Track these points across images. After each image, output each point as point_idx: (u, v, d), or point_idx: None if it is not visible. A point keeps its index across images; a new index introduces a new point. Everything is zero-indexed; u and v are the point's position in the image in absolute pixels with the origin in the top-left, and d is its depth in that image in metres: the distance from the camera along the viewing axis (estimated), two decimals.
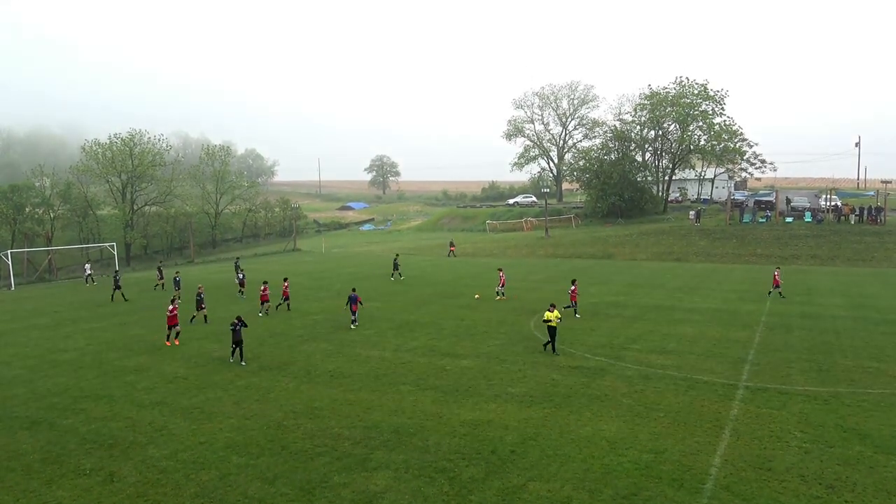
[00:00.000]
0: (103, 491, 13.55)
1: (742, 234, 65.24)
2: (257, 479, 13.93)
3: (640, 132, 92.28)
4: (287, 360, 24.14)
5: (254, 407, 18.78)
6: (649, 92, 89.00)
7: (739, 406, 18.07)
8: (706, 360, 23.01)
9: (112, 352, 26.45)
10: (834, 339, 26.32)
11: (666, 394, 19.23)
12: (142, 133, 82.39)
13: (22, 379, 22.64)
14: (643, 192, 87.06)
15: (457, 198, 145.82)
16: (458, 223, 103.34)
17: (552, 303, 24.69)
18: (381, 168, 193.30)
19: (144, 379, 22.11)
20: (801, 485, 13.16)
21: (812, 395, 19.02)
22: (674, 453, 14.81)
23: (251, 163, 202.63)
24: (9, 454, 15.72)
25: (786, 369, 21.73)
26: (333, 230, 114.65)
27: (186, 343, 27.57)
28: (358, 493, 13.11)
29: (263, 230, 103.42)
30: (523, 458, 14.67)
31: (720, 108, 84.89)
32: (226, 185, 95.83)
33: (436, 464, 14.46)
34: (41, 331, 31.63)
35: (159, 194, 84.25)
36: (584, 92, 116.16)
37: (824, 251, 57.66)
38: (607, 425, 16.70)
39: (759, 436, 15.81)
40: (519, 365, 22.78)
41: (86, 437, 16.72)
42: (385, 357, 24.34)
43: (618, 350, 24.72)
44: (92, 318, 34.75)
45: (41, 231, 73.29)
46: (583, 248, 65.94)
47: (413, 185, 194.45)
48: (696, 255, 60.08)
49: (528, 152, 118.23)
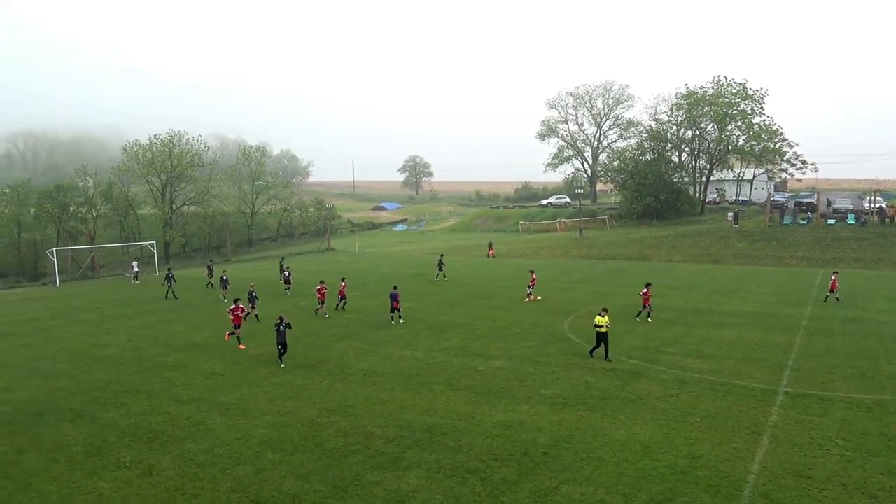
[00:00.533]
0: (143, 483, 13.88)
1: (782, 236, 63.78)
2: (291, 475, 14.10)
3: (676, 132, 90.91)
4: (321, 359, 24.39)
5: (288, 404, 19.02)
6: (686, 91, 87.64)
7: (779, 412, 17.66)
8: (744, 365, 22.55)
9: (152, 348, 27.07)
10: (878, 344, 25.56)
11: (702, 398, 18.90)
12: (181, 134, 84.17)
13: (66, 373, 23.31)
14: (679, 193, 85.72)
15: (490, 198, 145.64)
16: (490, 224, 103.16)
17: (604, 307, 23.89)
18: (414, 168, 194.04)
19: (183, 375, 22.57)
20: (843, 494, 12.81)
21: (855, 401, 18.49)
22: (710, 459, 14.55)
23: (286, 163, 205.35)
24: (53, 445, 16.21)
25: (827, 375, 21.17)
26: (367, 230, 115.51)
27: (223, 341, 28.04)
28: (390, 492, 13.18)
29: (298, 230, 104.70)
30: (556, 461, 14.57)
31: (759, 107, 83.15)
32: (262, 185, 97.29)
33: (468, 464, 14.45)
34: (84, 326, 32.52)
35: (197, 194, 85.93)
36: (619, 91, 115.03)
37: (868, 254, 56.01)
38: (642, 429, 16.48)
39: (800, 443, 15.44)
40: (552, 367, 22.63)
41: (126, 430, 17.15)
42: (418, 357, 24.42)
43: (653, 353, 24.38)
44: (133, 315, 35.60)
45: (84, 230, 75.46)
46: (617, 250, 65.21)
47: (446, 185, 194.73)
48: (734, 258, 58.91)
49: (562, 153, 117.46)
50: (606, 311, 23.26)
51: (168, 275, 42.92)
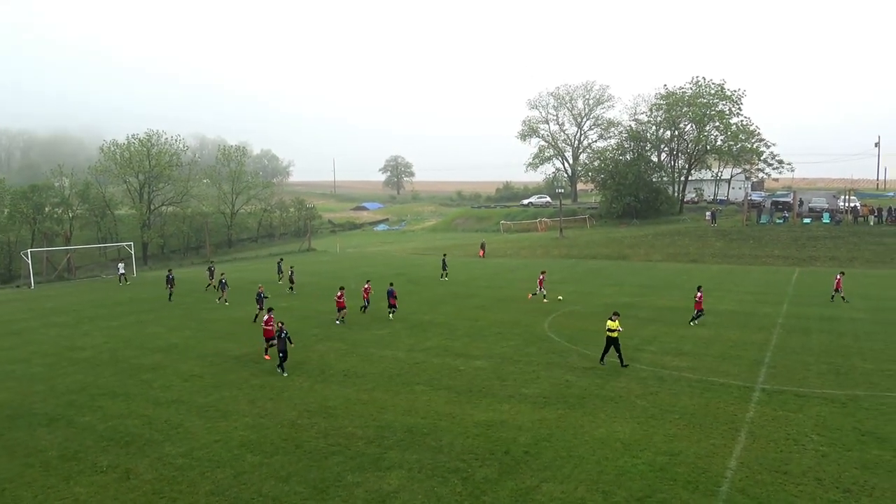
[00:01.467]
0: (120, 488, 13.71)
1: (759, 235, 64.63)
2: (271, 477, 14.01)
3: (655, 132, 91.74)
4: (301, 360, 24.26)
5: (268, 406, 18.90)
6: (665, 92, 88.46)
7: (756, 408, 17.90)
8: (722, 363, 22.82)
9: (129, 350, 26.74)
10: (853, 341, 26.00)
11: (681, 396, 19.10)
12: (159, 134, 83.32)
13: (41, 376, 22.95)
14: (659, 192, 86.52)
15: (471, 198, 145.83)
16: (472, 224, 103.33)
17: (616, 311, 23.03)
18: (395, 168, 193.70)
19: (161, 377, 22.33)
20: (818, 488, 13.02)
21: (830, 398, 18.81)
22: (689, 455, 14.71)
23: (266, 163, 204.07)
24: (28, 450, 15.95)
25: (803, 372, 21.50)
26: (348, 230, 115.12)
27: (202, 342, 27.80)
28: (371, 493, 13.15)
29: (278, 230, 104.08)
30: (537, 459, 14.64)
31: (737, 107, 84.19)
32: (241, 185, 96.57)
33: (449, 464, 14.46)
34: (60, 329, 32.04)
35: (176, 194, 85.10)
36: (600, 92, 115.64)
37: (843, 253, 56.96)
38: (622, 427, 16.61)
39: (776, 438, 15.66)
40: (533, 366, 22.73)
41: (103, 434, 16.92)
42: (399, 357, 24.39)
43: (633, 351, 24.55)
44: (110, 317, 35.14)
45: (60, 230, 74.33)
46: (597, 249, 65.66)
47: (427, 185, 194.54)
48: (713, 257, 59.60)
49: (543, 153, 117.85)
50: (618, 315, 22.42)
51: (168, 276, 41.85)
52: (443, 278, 47.56)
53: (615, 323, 21.90)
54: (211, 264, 47.53)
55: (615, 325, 21.88)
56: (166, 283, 41.62)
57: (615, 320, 21.97)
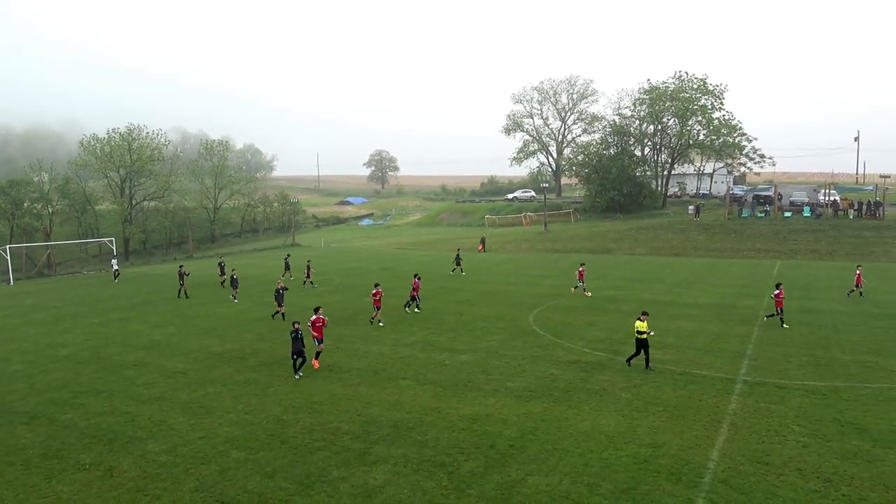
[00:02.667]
0: (103, 486, 13.58)
1: (741, 228, 65.28)
2: (257, 473, 13.95)
3: (639, 127, 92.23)
4: (286, 356, 24.06)
5: (253, 402, 18.80)
6: (648, 86, 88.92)
7: (738, 400, 18.10)
8: (705, 355, 23.05)
9: (111, 347, 26.47)
10: (832, 333, 26.37)
11: (664, 388, 19.27)
12: (140, 128, 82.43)
13: (21, 374, 22.66)
14: (642, 186, 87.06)
15: (456, 193, 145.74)
16: (456, 218, 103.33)
17: (644, 311, 21.87)
18: (379, 163, 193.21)
19: (143, 374, 22.13)
20: (799, 478, 13.21)
21: (810, 389, 19.07)
22: (672, 447, 14.85)
23: (250, 157, 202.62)
24: (8, 449, 15.74)
25: (784, 364, 21.77)
26: (332, 225, 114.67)
27: (186, 338, 27.59)
28: (357, 487, 13.14)
29: (262, 225, 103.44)
30: (522, 453, 14.71)
31: (719, 102, 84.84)
32: (224, 179, 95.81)
33: (435, 458, 14.49)
34: (40, 326, 31.64)
35: (158, 189, 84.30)
36: (584, 86, 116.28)
37: (823, 246, 57.72)
38: (606, 420, 16.74)
39: (757, 430, 15.86)
40: (518, 360, 22.81)
41: (85, 431, 16.75)
42: (384, 352, 24.36)
43: (616, 345, 24.74)
44: (91, 314, 34.76)
45: (40, 226, 73.30)
46: (582, 243, 65.97)
47: (412, 179, 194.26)
48: (695, 250, 60.12)
49: (527, 147, 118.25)
50: (647, 315, 21.30)
51: (181, 271, 40.50)
52: (453, 273, 46.74)
53: (644, 324, 20.68)
54: (221, 260, 45.37)
55: (644, 325, 20.65)
56: (179, 278, 40.02)
57: (644, 321, 20.76)
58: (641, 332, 20.62)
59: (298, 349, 20.80)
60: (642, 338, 20.68)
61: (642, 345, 20.86)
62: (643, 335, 20.64)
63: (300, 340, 20.76)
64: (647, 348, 20.99)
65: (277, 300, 31.28)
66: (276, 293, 31.51)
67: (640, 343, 20.83)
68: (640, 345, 20.88)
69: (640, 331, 20.62)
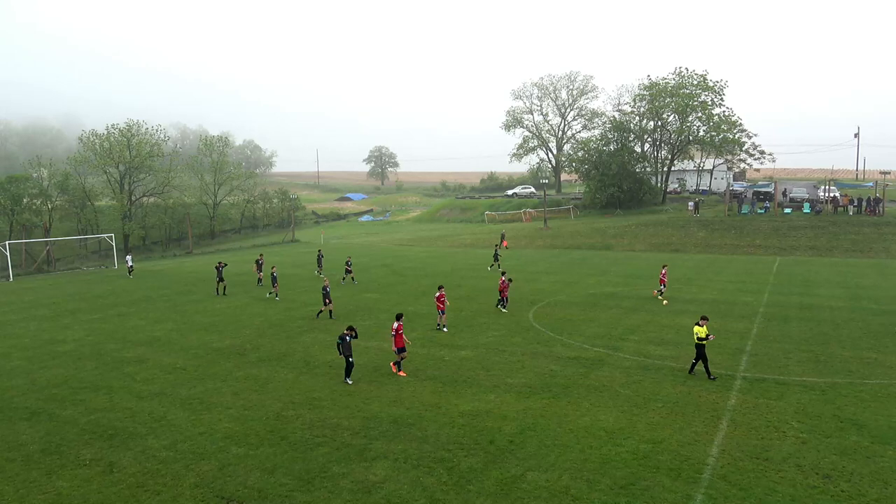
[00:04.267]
0: (103, 481, 13.60)
1: (740, 225, 65.26)
2: (257, 469, 13.98)
3: (639, 123, 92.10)
4: (286, 351, 24.18)
5: (253, 398, 18.82)
6: (648, 82, 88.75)
7: (737, 396, 18.13)
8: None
9: (111, 343, 26.48)
10: (832, 329, 26.38)
11: (664, 384, 19.29)
12: (139, 124, 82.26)
13: (21, 370, 22.67)
14: (642, 183, 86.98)
15: (455, 189, 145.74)
16: (456, 214, 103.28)
17: (704, 315, 20.63)
18: (379, 159, 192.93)
19: (143, 370, 22.15)
20: (798, 474, 13.23)
21: (809, 385, 19.09)
22: (671, 443, 14.87)
23: (249, 154, 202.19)
24: (9, 445, 15.77)
25: (783, 360, 21.78)
26: (332, 221, 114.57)
27: (185, 334, 27.60)
28: (357, 483, 13.16)
29: (262, 221, 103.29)
30: (521, 449, 14.73)
31: (719, 98, 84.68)
32: (224, 175, 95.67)
33: (434, 454, 14.51)
34: (40, 322, 31.65)
35: (157, 185, 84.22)
36: (584, 82, 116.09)
37: (822, 242, 57.69)
38: (605, 415, 16.76)
39: (757, 426, 15.88)
40: (518, 356, 22.82)
41: (85, 427, 16.77)
42: (383, 348, 24.36)
43: (616, 341, 24.76)
44: (91, 310, 34.77)
45: (39, 222, 73.25)
46: (581, 240, 65.95)
47: (412, 176, 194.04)
48: (695, 246, 60.11)
49: (527, 143, 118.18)
50: (706, 319, 19.90)
51: (218, 267, 39.18)
52: (491, 269, 46.18)
53: (703, 329, 19.43)
54: (259, 257, 43.82)
55: (703, 331, 19.40)
56: (217, 274, 38.64)
57: (703, 325, 19.48)
58: (702, 339, 19.41)
59: (349, 353, 19.71)
60: (702, 343, 19.49)
61: (700, 351, 19.67)
62: (703, 341, 19.42)
63: (350, 345, 19.70)
64: (705, 356, 19.70)
65: (325, 297, 30.17)
66: (324, 290, 30.28)
67: (700, 350, 19.66)
68: (701, 351, 19.68)
69: (700, 337, 19.43)
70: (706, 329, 19.54)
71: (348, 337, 19.72)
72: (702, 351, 19.59)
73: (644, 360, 21.91)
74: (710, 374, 19.69)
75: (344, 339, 19.64)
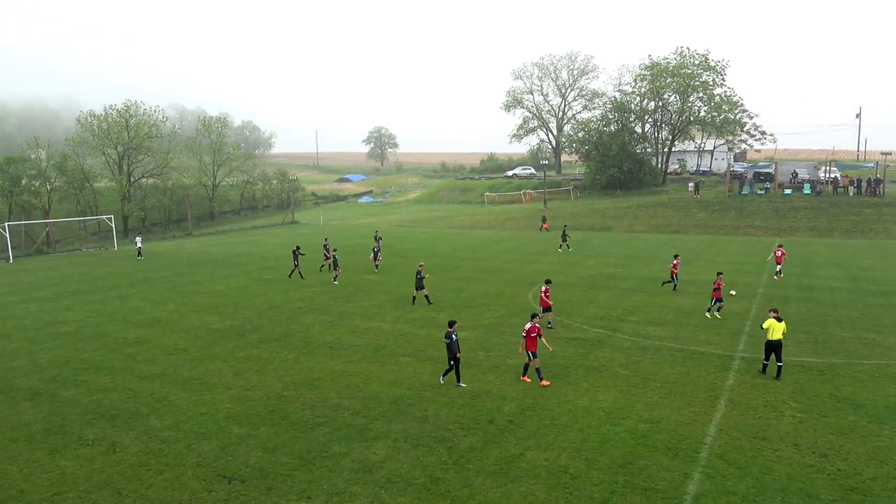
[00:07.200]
0: (106, 461, 13.72)
1: (741, 206, 65.20)
2: (258, 448, 14.09)
3: (639, 103, 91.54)
4: (286, 332, 24.26)
5: (254, 378, 18.93)
6: (649, 62, 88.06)
7: (735, 376, 18.23)
8: (703, 332, 23.15)
9: (112, 324, 26.56)
10: (830, 310, 26.47)
11: (662, 365, 19.39)
12: (137, 104, 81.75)
13: (23, 351, 22.76)
14: (642, 163, 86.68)
15: (455, 170, 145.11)
16: (456, 195, 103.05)
17: (774, 308, 18.59)
18: (379, 140, 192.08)
19: (145, 351, 22.24)
20: (795, 453, 13.35)
21: (807, 365, 19.19)
22: (669, 423, 14.99)
23: (248, 134, 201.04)
24: (12, 425, 15.88)
25: (782, 340, 21.82)
26: (331, 202, 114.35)
27: (186, 315, 27.68)
28: (357, 462, 13.28)
29: (261, 202, 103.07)
30: (521, 428, 14.84)
31: (721, 78, 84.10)
32: (223, 156, 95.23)
33: (434, 433, 14.63)
34: (40, 303, 31.71)
35: (156, 166, 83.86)
36: (584, 62, 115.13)
37: (822, 223, 57.69)
38: (604, 395, 16.87)
39: (754, 406, 15.99)
40: (517, 337, 22.80)
41: (87, 408, 16.88)
42: (384, 329, 24.46)
43: (615, 322, 24.84)
44: (91, 291, 34.82)
45: (38, 203, 73.07)
46: (581, 220, 65.88)
47: (411, 156, 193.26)
48: (695, 228, 60.09)
49: (527, 124, 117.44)
50: (776, 312, 18.02)
51: (295, 251, 37.76)
52: (561, 250, 46.10)
53: (780, 324, 17.71)
54: (326, 241, 41.65)
55: (779, 325, 17.67)
56: (293, 258, 37.23)
57: (779, 321, 17.75)
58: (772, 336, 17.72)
59: (455, 352, 17.67)
60: (774, 340, 17.74)
61: (773, 347, 17.90)
62: (775, 335, 17.68)
63: (457, 343, 17.75)
64: (779, 352, 17.85)
65: (418, 283, 28.47)
66: (418, 276, 28.56)
67: (771, 346, 17.93)
68: (770, 347, 17.99)
69: (773, 337, 17.72)
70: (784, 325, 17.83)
71: (454, 335, 17.69)
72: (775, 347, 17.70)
73: (643, 341, 22.01)
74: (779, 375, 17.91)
75: (450, 336, 17.62)
